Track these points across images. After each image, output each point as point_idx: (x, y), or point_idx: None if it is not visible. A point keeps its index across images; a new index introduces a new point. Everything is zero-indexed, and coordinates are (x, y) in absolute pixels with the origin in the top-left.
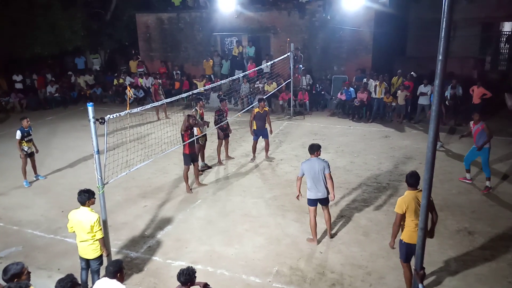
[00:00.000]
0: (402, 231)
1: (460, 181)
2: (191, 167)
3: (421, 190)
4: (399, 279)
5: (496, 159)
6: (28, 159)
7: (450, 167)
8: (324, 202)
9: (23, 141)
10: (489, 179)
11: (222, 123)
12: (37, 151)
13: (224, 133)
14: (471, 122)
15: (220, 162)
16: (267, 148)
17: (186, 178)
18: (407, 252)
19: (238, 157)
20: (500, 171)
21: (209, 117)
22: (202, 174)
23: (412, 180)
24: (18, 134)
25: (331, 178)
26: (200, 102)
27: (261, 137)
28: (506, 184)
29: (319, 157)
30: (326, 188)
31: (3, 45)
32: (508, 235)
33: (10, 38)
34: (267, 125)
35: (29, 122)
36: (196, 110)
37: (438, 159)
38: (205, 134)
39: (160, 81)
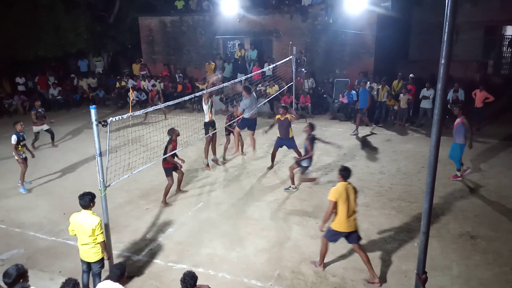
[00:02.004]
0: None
1: (464, 185)
2: (174, 177)
3: (350, 183)
4: (401, 284)
5: (499, 163)
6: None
7: (453, 171)
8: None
9: (19, 146)
10: (459, 170)
11: (231, 122)
12: (33, 156)
13: (230, 131)
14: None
15: (223, 159)
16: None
17: (167, 191)
18: (333, 236)
19: (240, 161)
20: (503, 176)
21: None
22: (223, 163)
23: (347, 173)
24: (14, 139)
25: None
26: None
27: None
28: (509, 189)
29: None
30: None
31: (6, 47)
32: (511, 239)
33: (14, 40)
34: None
35: (23, 126)
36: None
37: (441, 163)
38: (214, 124)
39: (159, 87)
